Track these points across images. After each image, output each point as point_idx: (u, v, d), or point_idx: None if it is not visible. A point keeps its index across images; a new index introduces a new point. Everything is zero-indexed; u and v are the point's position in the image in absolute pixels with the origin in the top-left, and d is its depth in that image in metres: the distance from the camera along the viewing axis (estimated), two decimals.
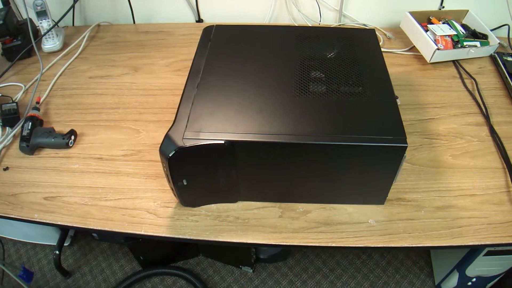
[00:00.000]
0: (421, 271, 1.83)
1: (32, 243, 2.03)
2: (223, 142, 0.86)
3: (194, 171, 0.93)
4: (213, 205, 1.06)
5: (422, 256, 1.88)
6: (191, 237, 0.99)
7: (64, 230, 1.91)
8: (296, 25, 1.72)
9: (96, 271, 1.93)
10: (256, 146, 0.88)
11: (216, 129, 0.89)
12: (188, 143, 0.86)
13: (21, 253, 2.01)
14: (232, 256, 1.86)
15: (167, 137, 0.88)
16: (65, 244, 1.97)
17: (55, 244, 1.87)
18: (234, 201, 1.06)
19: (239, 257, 1.84)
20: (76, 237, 2.05)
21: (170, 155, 0.86)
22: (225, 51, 1.11)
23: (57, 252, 1.82)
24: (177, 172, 0.92)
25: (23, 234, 1.98)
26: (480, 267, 1.45)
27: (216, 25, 1.20)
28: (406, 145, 0.85)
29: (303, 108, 0.93)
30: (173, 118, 0.93)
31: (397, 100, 0.95)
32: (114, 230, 1.02)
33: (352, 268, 1.87)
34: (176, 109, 0.95)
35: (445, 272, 1.64)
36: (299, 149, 0.88)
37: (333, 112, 0.92)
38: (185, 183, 0.95)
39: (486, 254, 1.35)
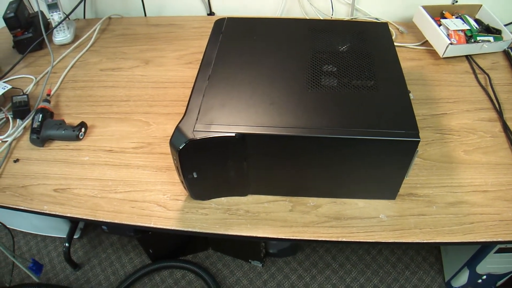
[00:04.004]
0: (431, 267, 1.82)
1: (42, 235, 2.05)
2: (234, 134, 0.86)
3: (204, 164, 0.93)
4: (223, 198, 1.05)
5: (432, 253, 1.87)
6: (201, 230, 0.99)
7: (74, 222, 1.91)
8: (308, 18, 1.71)
9: (105, 263, 1.93)
10: (267, 139, 0.88)
11: (227, 121, 0.88)
12: (199, 136, 0.86)
13: (31, 245, 2.02)
14: (242, 250, 1.86)
15: (177, 129, 0.88)
16: (75, 237, 1.99)
17: (65, 236, 1.88)
18: (244, 194, 1.05)
19: (249, 251, 1.84)
20: (86, 230, 2.06)
21: (180, 148, 0.86)
22: (237, 44, 1.10)
23: (66, 244, 1.84)
24: (187, 165, 0.91)
25: (33, 226, 2.00)
26: (491, 265, 1.44)
27: (227, 17, 1.20)
28: (418, 139, 0.84)
29: (315, 101, 0.92)
30: (184, 111, 0.93)
31: (410, 95, 0.94)
32: (123, 222, 1.02)
33: (362, 263, 1.86)
34: (187, 101, 0.95)
35: (455, 269, 1.63)
36: (311, 142, 0.87)
37: (345, 106, 0.91)
38: (195, 176, 0.94)
39: (497, 252, 1.34)
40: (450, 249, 1.74)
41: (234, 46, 1.10)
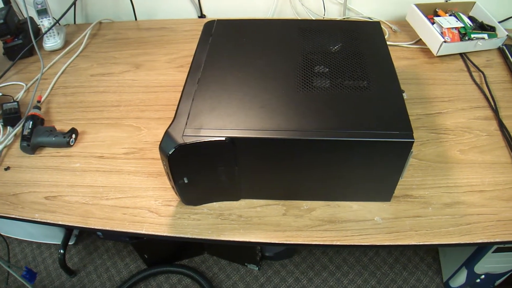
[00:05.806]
0: (429, 268, 1.82)
1: (37, 242, 2.04)
2: (224, 139, 0.84)
3: (195, 169, 0.91)
4: (215, 203, 1.04)
5: (430, 253, 1.86)
6: (193, 236, 0.98)
7: (68, 229, 1.90)
8: (300, 18, 1.69)
9: (101, 269, 1.92)
10: (258, 143, 0.86)
11: (217, 125, 0.87)
12: (188, 140, 0.84)
13: (26, 252, 2.01)
14: (238, 254, 1.85)
15: (166, 134, 0.87)
16: (70, 243, 1.98)
17: (60, 243, 1.87)
18: (236, 199, 1.04)
19: (245, 255, 1.83)
20: (81, 236, 2.05)
21: (170, 153, 0.84)
22: (227, 46, 1.09)
23: (62, 251, 1.83)
24: (177, 170, 0.90)
25: (28, 234, 1.99)
26: (489, 264, 1.44)
27: (217, 20, 1.18)
28: (413, 140, 0.83)
29: (307, 103, 0.91)
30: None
31: (404, 94, 0.93)
32: (115, 229, 1.01)
33: (359, 265, 1.85)
34: (177, 106, 0.93)
35: (453, 269, 1.62)
36: (303, 145, 0.86)
37: (337, 107, 0.90)
38: (186, 181, 0.93)
39: (495, 251, 1.34)
40: (448, 249, 1.73)
41: (224, 48, 1.08)
